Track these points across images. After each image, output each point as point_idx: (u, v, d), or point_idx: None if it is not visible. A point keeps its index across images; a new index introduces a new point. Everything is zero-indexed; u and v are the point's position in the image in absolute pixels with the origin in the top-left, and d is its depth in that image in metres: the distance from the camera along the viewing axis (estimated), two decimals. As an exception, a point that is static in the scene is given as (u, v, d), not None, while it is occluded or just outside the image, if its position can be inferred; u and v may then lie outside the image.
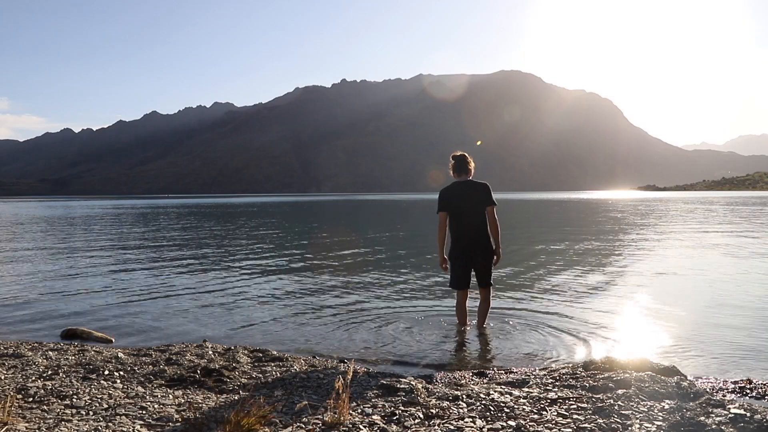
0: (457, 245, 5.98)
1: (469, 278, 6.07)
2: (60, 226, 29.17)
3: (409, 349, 5.49)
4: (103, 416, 3.32)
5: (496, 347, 5.53)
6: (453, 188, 6.02)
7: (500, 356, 5.24)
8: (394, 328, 6.28)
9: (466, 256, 5.98)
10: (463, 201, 5.94)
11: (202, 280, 10.14)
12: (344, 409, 3.17)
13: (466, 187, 6.00)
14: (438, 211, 6.00)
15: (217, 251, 15.39)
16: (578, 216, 36.27)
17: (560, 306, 7.38)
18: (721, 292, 8.38)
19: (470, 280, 6.10)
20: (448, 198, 5.98)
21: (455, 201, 5.96)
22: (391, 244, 17.57)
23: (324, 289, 8.94)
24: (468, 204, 5.93)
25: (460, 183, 6.03)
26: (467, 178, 6.06)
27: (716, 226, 23.63)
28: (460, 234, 5.95)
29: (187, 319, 6.99)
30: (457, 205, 5.95)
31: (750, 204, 52.95)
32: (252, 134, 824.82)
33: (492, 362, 5.06)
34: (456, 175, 6.08)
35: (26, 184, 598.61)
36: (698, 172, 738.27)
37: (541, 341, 5.68)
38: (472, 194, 5.95)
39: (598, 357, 4.53)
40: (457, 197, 5.96)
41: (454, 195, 5.97)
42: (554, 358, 5.12)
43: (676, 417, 3.09)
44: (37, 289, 9.30)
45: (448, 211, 5.97)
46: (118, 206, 70.83)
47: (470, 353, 5.38)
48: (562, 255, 13.60)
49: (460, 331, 6.13)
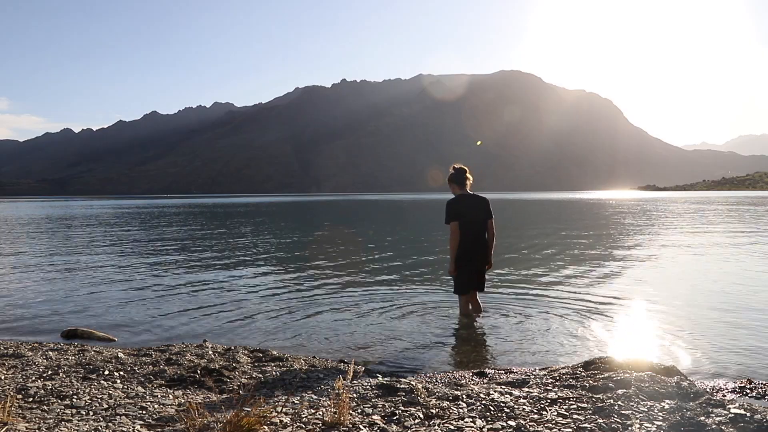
0: (466, 254, 6.41)
1: (472, 284, 6.56)
2: (60, 226, 29.17)
3: (409, 348, 5.49)
4: (103, 416, 3.32)
5: (496, 347, 5.53)
6: (461, 200, 6.47)
7: (500, 356, 5.24)
8: (395, 328, 6.28)
9: (473, 264, 6.43)
10: (471, 213, 6.45)
11: (202, 280, 10.14)
12: (344, 409, 3.17)
13: (472, 199, 6.49)
14: (449, 221, 6.43)
15: (217, 251, 15.39)
16: (578, 216, 36.26)
17: (560, 306, 7.38)
18: (721, 292, 8.38)
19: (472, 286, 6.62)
20: (459, 209, 6.42)
21: (464, 211, 6.43)
22: (391, 244, 17.57)
23: (324, 289, 8.94)
24: (475, 216, 6.44)
25: (466, 196, 6.51)
26: (467, 191, 6.52)
27: (716, 226, 23.64)
28: (468, 243, 6.40)
29: (187, 319, 6.99)
30: (467, 216, 6.43)
31: (750, 204, 52.96)
32: (252, 134, 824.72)
33: (492, 362, 5.06)
34: (458, 188, 6.52)
35: (26, 185, 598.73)
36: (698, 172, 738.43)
37: (541, 341, 5.68)
38: (478, 207, 6.46)
39: (598, 357, 4.53)
40: (466, 209, 6.43)
41: (464, 206, 6.44)
42: (554, 358, 5.12)
43: (676, 417, 3.09)
44: (37, 289, 9.30)
45: (459, 221, 6.41)
46: (118, 206, 70.83)
47: (470, 353, 5.38)
48: (563, 255, 13.60)
49: (460, 331, 6.16)
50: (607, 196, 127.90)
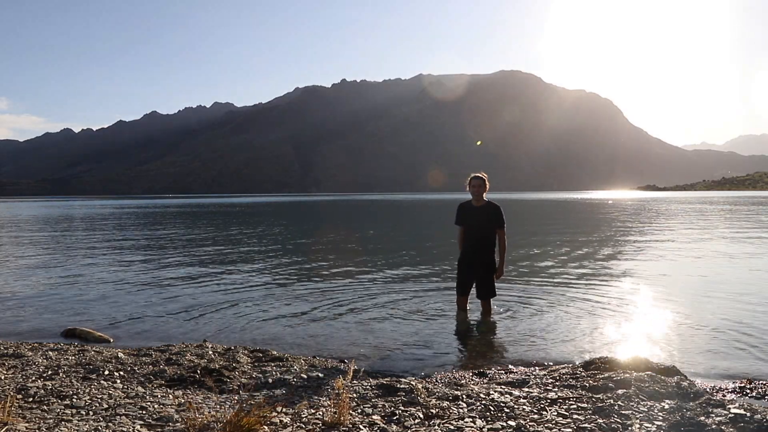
0: (465, 258, 6.70)
1: (469, 288, 6.80)
2: (60, 226, 29.16)
3: (409, 349, 5.49)
4: (103, 416, 3.32)
5: (496, 347, 5.53)
6: (466, 207, 6.64)
7: (500, 356, 5.24)
8: (395, 328, 6.28)
9: (472, 269, 6.64)
10: (471, 220, 6.59)
11: (202, 280, 10.14)
12: (344, 409, 3.17)
13: (478, 209, 6.58)
14: (456, 223, 6.74)
15: (217, 251, 15.39)
16: (579, 216, 36.25)
17: (560, 306, 7.37)
18: (721, 291, 8.37)
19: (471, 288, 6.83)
20: (462, 215, 6.66)
21: (465, 217, 6.64)
22: (391, 245, 17.57)
23: (324, 289, 8.93)
24: (478, 224, 6.58)
25: (472, 204, 6.62)
26: (477, 198, 6.58)
27: (716, 226, 23.63)
28: (468, 248, 6.64)
29: (187, 319, 6.99)
30: (467, 222, 6.63)
31: (750, 204, 52.94)
32: (252, 134, 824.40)
33: (492, 362, 5.06)
34: (471, 194, 6.60)
35: (26, 185, 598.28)
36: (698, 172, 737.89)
37: (541, 341, 5.68)
38: (483, 215, 6.56)
39: (598, 357, 4.53)
40: (468, 216, 6.61)
41: (467, 213, 6.62)
42: (554, 358, 5.12)
43: (676, 417, 3.09)
44: (38, 289, 9.30)
45: (463, 225, 6.68)
46: (118, 206, 70.82)
47: (470, 353, 5.38)
48: (562, 255, 13.60)
49: (460, 331, 6.17)
50: (607, 196, 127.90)
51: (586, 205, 60.15)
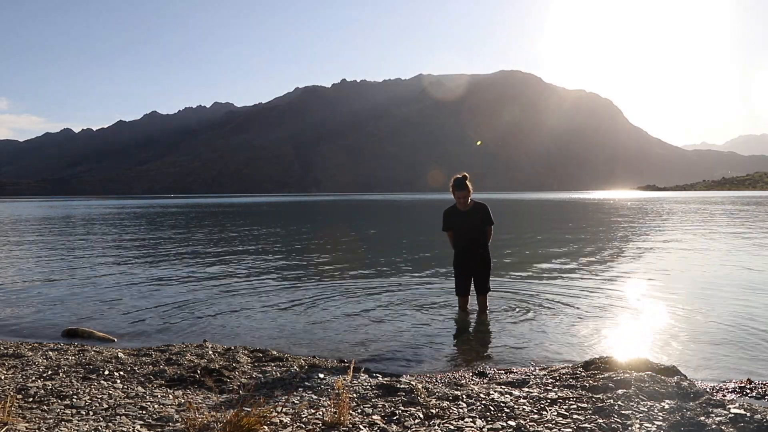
0: (458, 259, 6.81)
1: (468, 288, 6.94)
2: (60, 226, 29.16)
3: (409, 348, 5.48)
4: (103, 416, 3.32)
5: (496, 347, 5.53)
6: (451, 212, 6.73)
7: (500, 356, 5.24)
8: (395, 328, 6.28)
9: (468, 268, 6.77)
10: (459, 223, 6.69)
11: (202, 280, 10.14)
12: (344, 409, 3.17)
13: (463, 213, 6.66)
14: (443, 229, 6.84)
15: (217, 251, 15.39)
16: (578, 216, 36.26)
17: (560, 306, 7.37)
18: (721, 291, 8.38)
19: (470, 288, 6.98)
20: (448, 220, 6.75)
21: (452, 222, 6.74)
22: (391, 245, 17.57)
23: (324, 289, 8.93)
24: (465, 226, 6.68)
25: (457, 209, 6.68)
26: (462, 201, 6.65)
27: (716, 226, 23.63)
28: (459, 249, 6.76)
29: (187, 319, 6.99)
30: (455, 226, 6.74)
31: (750, 204, 52.95)
32: (252, 134, 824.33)
33: (492, 362, 5.06)
34: (455, 197, 6.61)
35: (26, 185, 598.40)
36: (698, 172, 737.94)
37: (541, 341, 5.68)
38: (471, 216, 6.65)
39: (598, 357, 4.53)
40: (455, 221, 6.71)
41: (453, 218, 6.72)
42: (554, 358, 5.12)
43: (676, 417, 3.09)
44: (38, 289, 9.30)
45: (452, 229, 6.77)
46: (118, 206, 70.82)
47: (470, 353, 5.38)
48: (562, 255, 13.59)
49: (460, 331, 6.17)
50: (606, 196, 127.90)
51: (586, 205, 60.16)
